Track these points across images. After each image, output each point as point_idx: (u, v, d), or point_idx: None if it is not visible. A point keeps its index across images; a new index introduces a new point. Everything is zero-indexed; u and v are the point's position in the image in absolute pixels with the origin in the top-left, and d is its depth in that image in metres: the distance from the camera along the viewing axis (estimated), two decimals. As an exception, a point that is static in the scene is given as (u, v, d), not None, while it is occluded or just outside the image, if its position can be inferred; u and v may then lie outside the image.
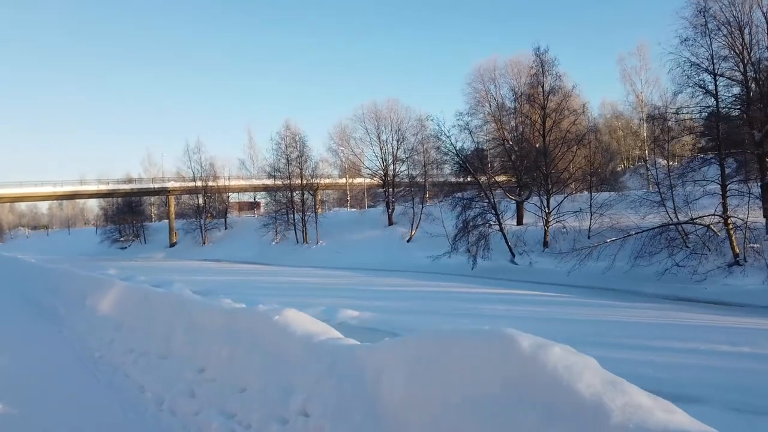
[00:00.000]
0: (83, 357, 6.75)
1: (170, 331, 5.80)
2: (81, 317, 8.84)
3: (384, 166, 45.49)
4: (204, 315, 5.47)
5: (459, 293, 22.19)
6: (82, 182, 59.96)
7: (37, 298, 12.73)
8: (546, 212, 28.43)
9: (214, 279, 29.72)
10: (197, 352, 5.08)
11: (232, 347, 4.66)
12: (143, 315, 6.74)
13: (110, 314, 7.88)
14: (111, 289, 8.45)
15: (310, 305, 15.18)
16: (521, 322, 14.76)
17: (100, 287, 9.09)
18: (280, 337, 4.30)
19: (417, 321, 14.94)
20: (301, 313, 4.68)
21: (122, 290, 8.07)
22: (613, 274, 23.33)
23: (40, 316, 10.53)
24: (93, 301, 8.90)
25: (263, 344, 4.43)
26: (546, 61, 27.35)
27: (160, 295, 6.76)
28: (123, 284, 8.34)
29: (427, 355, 3.01)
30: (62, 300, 10.79)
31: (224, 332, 4.95)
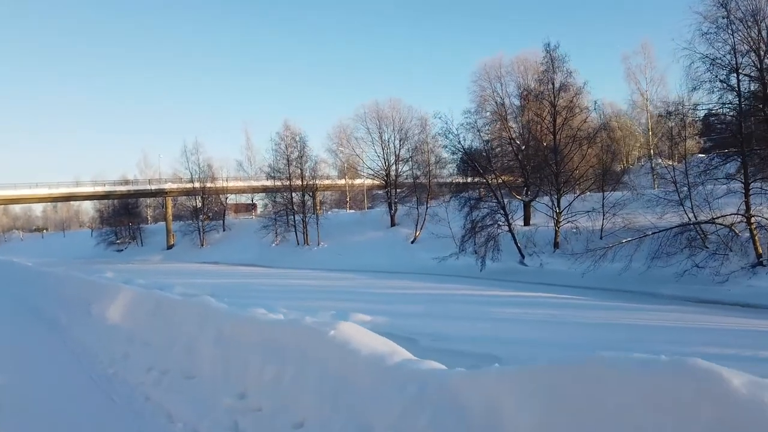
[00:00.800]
0: (94, 374, 5.95)
1: (194, 345, 5.06)
2: (86, 327, 8.06)
3: (386, 167, 44.76)
4: (236, 327, 4.73)
5: (471, 296, 21.46)
6: (77, 184, 58.98)
7: (35, 305, 11.89)
8: (556, 212, 27.73)
9: (214, 282, 28.90)
10: (232, 372, 4.34)
11: (277, 367, 3.92)
12: (159, 326, 6.00)
13: (120, 324, 7.12)
14: (119, 296, 7.69)
15: (317, 309, 14.40)
16: (546, 326, 14.06)
17: (106, 293, 8.33)
18: (341, 356, 3.56)
19: (436, 326, 14.14)
20: (358, 327, 3.95)
21: (133, 297, 7.31)
22: (629, 276, 22.66)
23: (41, 324, 9.70)
24: (99, 308, 8.13)
25: (318, 365, 3.69)
26: (556, 57, 26.79)
27: (179, 303, 6.01)
28: (134, 290, 7.58)
29: (577, 392, 2.27)
30: (64, 307, 9.98)
31: (264, 348, 4.21)
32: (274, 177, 48.38)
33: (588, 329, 13.61)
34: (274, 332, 4.23)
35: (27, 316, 10.90)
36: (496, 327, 13.82)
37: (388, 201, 44.18)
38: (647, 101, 44.18)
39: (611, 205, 26.20)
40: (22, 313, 11.42)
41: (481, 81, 38.88)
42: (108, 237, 66.04)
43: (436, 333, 12.30)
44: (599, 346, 11.01)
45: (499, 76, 36.74)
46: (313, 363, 3.72)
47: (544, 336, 12.50)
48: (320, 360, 3.71)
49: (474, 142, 30.57)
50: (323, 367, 3.65)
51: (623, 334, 12.75)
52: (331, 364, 3.61)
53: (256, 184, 60.61)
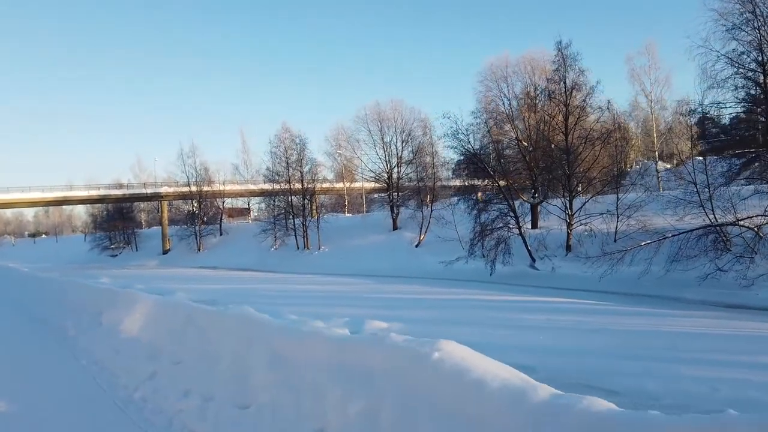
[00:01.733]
0: (118, 399, 5.06)
1: (242, 366, 4.24)
2: (99, 340, 7.19)
3: (388, 169, 43.94)
4: (296, 346, 3.91)
5: (485, 301, 20.65)
6: (71, 188, 57.83)
7: (38, 313, 10.96)
8: (569, 214, 26.99)
9: (216, 287, 28.00)
10: (302, 404, 3.53)
11: (368, 401, 3.11)
12: (192, 341, 5.17)
13: (140, 337, 6.28)
14: (137, 305, 6.85)
15: (328, 316, 13.54)
16: (574, 334, 13.27)
17: (119, 302, 7.48)
18: (460, 389, 2.76)
19: (455, 332, 13.17)
20: (463, 347, 3.14)
21: (155, 307, 6.47)
22: (647, 280, 21.94)
23: (46, 335, 8.80)
24: (112, 318, 7.28)
25: (426, 400, 2.88)
26: (568, 56, 26.09)
27: (216, 315, 5.18)
28: (154, 298, 6.72)
29: None
30: (70, 316, 9.08)
31: (341, 374, 3.40)
32: (273, 180, 47.45)
33: (618, 336, 12.85)
34: (352, 353, 3.43)
35: (30, 326, 9.97)
36: (520, 335, 13.04)
37: (390, 204, 43.34)
38: (652, 102, 43.67)
39: (626, 206, 25.49)
40: (24, 322, 10.49)
41: (488, 81, 38.20)
42: (102, 242, 64.97)
43: (458, 341, 11.42)
44: (636, 355, 10.28)
45: (505, 76, 36.12)
46: (419, 397, 2.91)
47: (574, 344, 11.72)
48: (427, 392, 2.90)
49: (481, 142, 29.81)
50: (433, 403, 2.85)
51: (659, 342, 12.02)
52: (445, 400, 2.81)
53: (254, 187, 59.72)
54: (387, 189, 44.29)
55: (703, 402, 7.26)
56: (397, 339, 3.37)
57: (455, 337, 11.37)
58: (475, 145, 28.56)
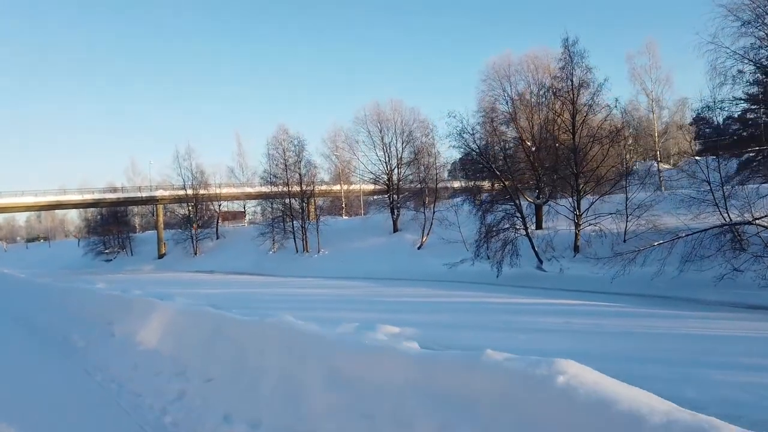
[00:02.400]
0: (147, 425, 4.42)
1: (293, 386, 3.66)
2: (113, 353, 6.53)
3: (388, 170, 43.35)
4: (364, 363, 3.33)
5: (496, 304, 20.11)
6: (65, 192, 56.89)
7: (40, 323, 10.22)
8: (577, 214, 26.50)
9: (216, 292, 27.34)
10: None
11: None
12: (224, 356, 4.58)
13: (160, 350, 5.67)
14: (154, 314, 6.24)
15: (336, 320, 12.99)
16: (595, 338, 12.73)
17: (133, 310, 6.86)
18: (605, 426, 2.17)
19: (471, 337, 12.70)
20: (590, 370, 2.57)
21: (176, 316, 5.86)
22: (661, 281, 21.49)
23: (52, 347, 8.05)
24: (125, 329, 6.66)
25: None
26: (575, 53, 25.64)
27: (251, 325, 4.58)
28: (175, 307, 6.10)
29: None
30: (76, 326, 8.40)
31: (428, 399, 2.82)
32: (271, 182, 46.77)
33: (645, 340, 12.34)
34: (443, 375, 2.86)
35: (31, 337, 9.23)
36: (538, 339, 12.51)
37: (391, 206, 42.76)
38: (653, 101, 43.27)
39: (635, 206, 25.02)
40: (25, 333, 9.72)
41: (490, 80, 37.57)
42: (96, 246, 64.09)
43: (477, 347, 10.83)
44: (669, 360, 9.75)
45: (507, 75, 35.57)
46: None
47: (600, 348, 11.16)
48: (558, 429, 2.32)
49: (486, 142, 29.26)
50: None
51: (689, 345, 11.52)
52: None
53: (251, 190, 59.02)
54: (387, 191, 43.70)
55: (753, 411, 6.74)
56: (498, 357, 2.80)
57: (476, 341, 10.75)
58: (479, 145, 27.98)
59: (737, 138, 36.23)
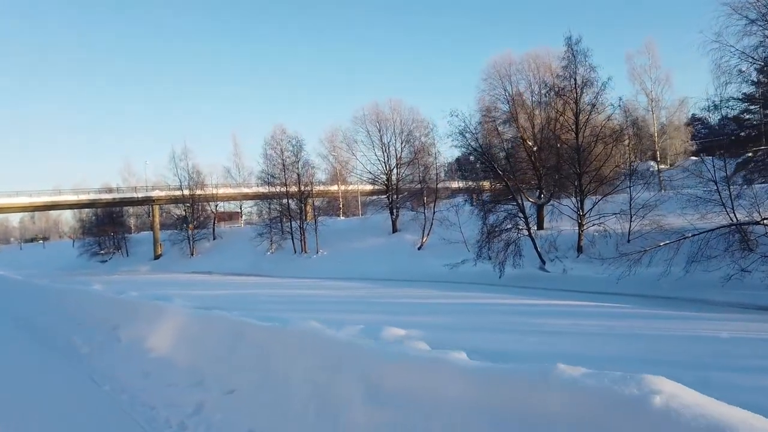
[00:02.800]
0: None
1: (327, 400, 3.35)
2: (121, 360, 6.18)
3: (387, 170, 43.02)
4: (410, 376, 3.02)
5: (500, 305, 19.78)
6: (60, 192, 56.36)
7: (39, 325, 9.78)
8: (580, 214, 26.24)
9: (214, 293, 26.94)
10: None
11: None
12: (244, 365, 4.26)
13: (173, 358, 5.34)
14: (164, 319, 5.90)
15: (339, 322, 12.68)
16: (607, 339, 12.40)
17: (141, 314, 6.53)
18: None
19: (480, 339, 12.30)
20: (689, 390, 2.28)
21: (189, 321, 5.53)
22: (666, 282, 21.27)
23: (53, 354, 7.58)
24: (133, 334, 6.33)
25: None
26: (578, 52, 25.38)
27: (278, 333, 4.25)
28: (188, 311, 5.76)
29: None
30: (80, 331, 8.02)
31: (494, 419, 2.51)
32: (269, 182, 46.37)
33: (656, 342, 12.04)
34: (508, 391, 2.55)
35: (34, 341, 8.80)
36: (549, 341, 12.20)
37: (390, 206, 42.44)
38: (652, 101, 43.10)
39: (640, 206, 24.78)
40: (26, 336, 9.29)
41: (491, 79, 37.23)
42: (91, 247, 63.53)
43: (487, 349, 10.48)
44: (685, 363, 9.47)
45: (508, 74, 35.31)
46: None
47: (613, 351, 10.86)
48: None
49: (488, 141, 28.98)
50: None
51: (703, 348, 11.21)
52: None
53: (248, 190, 58.65)
54: (386, 191, 43.37)
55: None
56: (573, 373, 2.50)
57: (486, 344, 10.40)
58: (481, 144, 27.68)
59: (735, 138, 36.16)
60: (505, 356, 9.78)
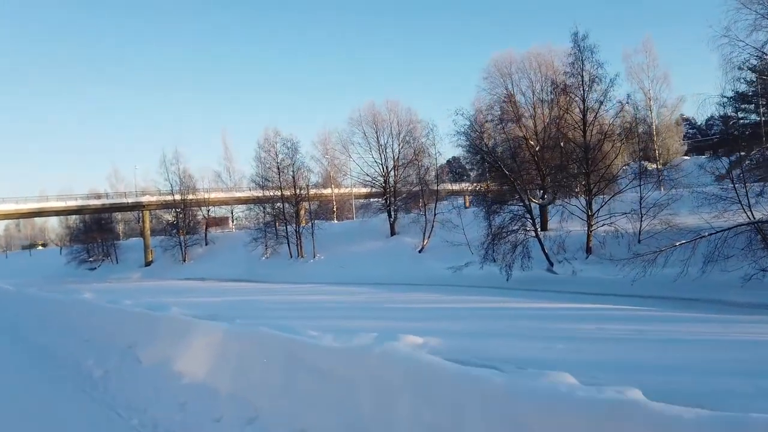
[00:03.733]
0: None
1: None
2: (145, 387, 5.28)
3: (385, 172, 42.23)
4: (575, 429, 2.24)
5: (515, 309, 18.97)
6: (47, 198, 54.99)
7: (40, 343, 8.80)
8: (588, 215, 25.62)
9: (212, 300, 25.99)
10: None
11: None
12: (312, 397, 3.47)
13: (215, 387, 4.49)
14: (192, 336, 5.05)
15: (349, 329, 11.86)
16: (643, 345, 11.62)
17: (161, 330, 5.68)
18: None
19: (503, 347, 11.46)
20: None
21: (225, 339, 4.69)
22: (683, 283, 20.70)
23: (62, 378, 6.54)
24: (155, 355, 5.49)
25: None
26: (585, 48, 24.77)
27: (350, 355, 3.46)
28: (221, 327, 4.90)
29: None
30: (89, 350, 7.08)
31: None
32: (263, 186, 45.42)
33: (695, 348, 11.28)
34: None
35: (34, 363, 7.80)
36: (577, 348, 11.40)
37: (387, 209, 41.68)
38: (650, 100, 42.72)
39: (651, 205, 24.21)
40: (25, 357, 8.28)
41: (492, 78, 36.50)
42: (79, 255, 62.20)
43: (513, 357, 9.70)
44: (732, 370, 8.78)
45: (509, 73, 34.62)
46: None
47: (653, 357, 10.08)
48: None
49: (492, 140, 28.31)
50: None
51: (746, 354, 10.52)
52: None
53: (240, 194, 57.62)
54: (383, 193, 42.58)
55: None
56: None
57: (512, 352, 9.52)
58: (487, 144, 27.00)
59: (729, 137, 35.82)
60: (533, 364, 9.03)
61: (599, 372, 8.33)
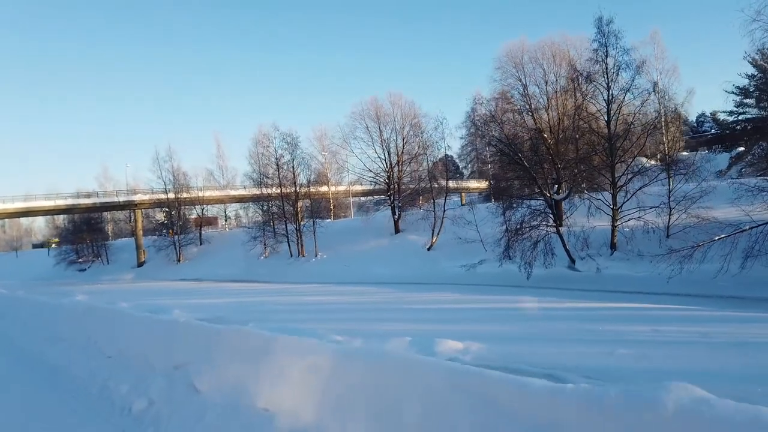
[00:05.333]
0: None
1: None
2: (214, 428, 3.93)
3: (389, 168, 40.79)
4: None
5: (550, 310, 17.47)
6: (35, 197, 53.00)
7: (53, 363, 7.20)
8: (613, 209, 24.39)
9: (214, 302, 24.47)
10: None
11: None
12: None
13: (323, 426, 3.16)
14: (273, 356, 3.68)
15: (377, 334, 10.47)
16: (720, 350, 10.29)
17: (224, 347, 4.32)
18: None
19: (558, 353, 10.06)
20: None
21: (334, 362, 3.31)
22: (723, 279, 19.58)
23: (90, 412, 5.05)
24: (217, 380, 4.10)
25: None
26: (609, 33, 23.50)
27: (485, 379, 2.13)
28: (327, 347, 3.51)
29: None
30: (118, 371, 5.56)
31: None
32: (261, 183, 43.83)
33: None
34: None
35: (52, 389, 6.22)
36: (643, 354, 10.08)
37: (392, 206, 40.28)
38: (659, 92, 41.62)
39: (681, 198, 23.03)
40: (38, 381, 6.58)
41: (506, 67, 34.92)
42: (68, 255, 60.31)
43: (574, 365, 8.26)
44: None
45: (522, 63, 33.13)
46: None
47: (732, 364, 8.73)
48: None
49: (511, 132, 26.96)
50: None
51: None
52: None
53: (235, 192, 56.01)
54: (387, 190, 41.15)
55: None
56: None
57: (567, 359, 7.98)
58: (507, 135, 25.67)
59: (729, 132, 34.93)
60: (604, 375, 7.66)
61: (682, 382, 6.97)
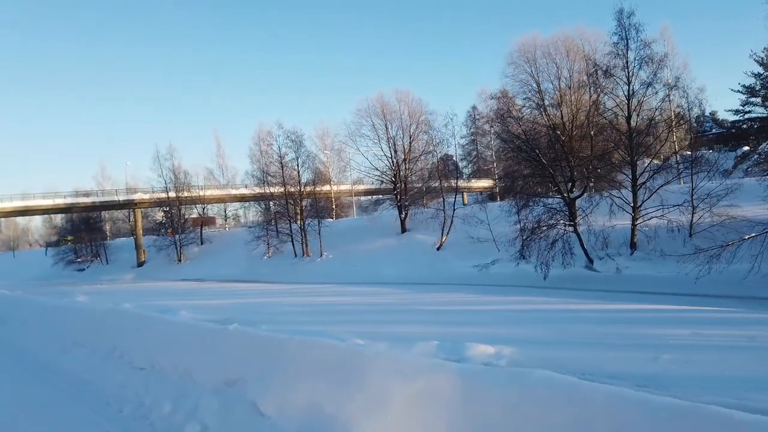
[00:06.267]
0: None
1: None
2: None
3: (395, 166, 39.99)
4: None
5: (577, 312, 16.42)
6: (33, 196, 52.09)
7: (70, 373, 6.34)
8: (634, 207, 23.67)
9: (219, 303, 23.50)
10: None
11: None
12: None
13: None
14: (362, 373, 2.94)
15: (400, 337, 9.69)
16: None
17: (284, 359, 3.58)
18: None
19: (600, 359, 9.22)
20: None
21: (446, 383, 2.58)
22: (752, 280, 18.89)
23: (125, 429, 4.36)
24: (285, 401, 3.34)
25: None
26: (630, 26, 22.78)
27: None
28: (448, 367, 2.79)
29: None
30: (155, 384, 4.82)
31: None
32: (264, 181, 43.01)
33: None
34: None
35: (75, 406, 5.34)
36: (688, 359, 9.30)
37: (398, 204, 39.50)
38: (669, 89, 40.96)
39: (704, 195, 22.33)
40: (58, 396, 5.75)
41: (519, 62, 33.99)
42: (66, 255, 59.34)
43: (619, 372, 7.45)
44: None
45: (534, 58, 32.33)
46: None
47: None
48: None
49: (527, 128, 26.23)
50: None
51: None
52: None
53: (236, 192, 55.18)
54: (393, 188, 40.35)
55: None
56: None
57: (607, 364, 7.15)
58: (524, 130, 24.94)
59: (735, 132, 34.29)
60: (664, 385, 6.89)
61: (747, 391, 6.26)
